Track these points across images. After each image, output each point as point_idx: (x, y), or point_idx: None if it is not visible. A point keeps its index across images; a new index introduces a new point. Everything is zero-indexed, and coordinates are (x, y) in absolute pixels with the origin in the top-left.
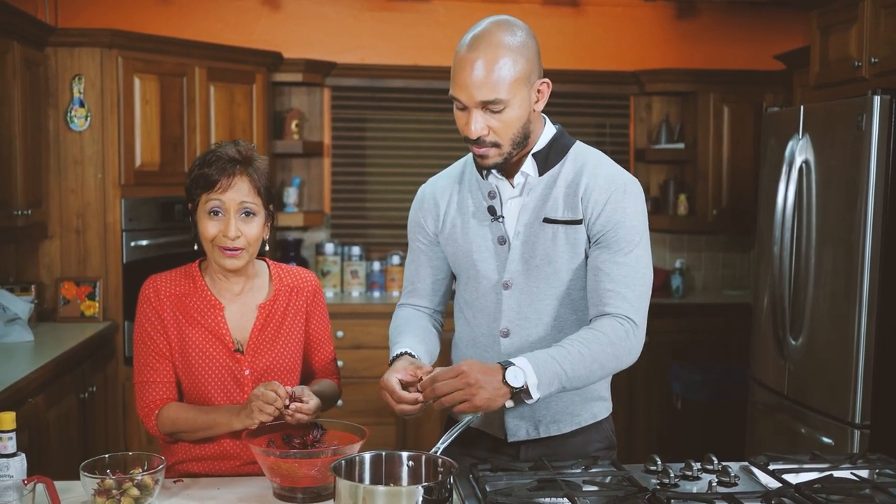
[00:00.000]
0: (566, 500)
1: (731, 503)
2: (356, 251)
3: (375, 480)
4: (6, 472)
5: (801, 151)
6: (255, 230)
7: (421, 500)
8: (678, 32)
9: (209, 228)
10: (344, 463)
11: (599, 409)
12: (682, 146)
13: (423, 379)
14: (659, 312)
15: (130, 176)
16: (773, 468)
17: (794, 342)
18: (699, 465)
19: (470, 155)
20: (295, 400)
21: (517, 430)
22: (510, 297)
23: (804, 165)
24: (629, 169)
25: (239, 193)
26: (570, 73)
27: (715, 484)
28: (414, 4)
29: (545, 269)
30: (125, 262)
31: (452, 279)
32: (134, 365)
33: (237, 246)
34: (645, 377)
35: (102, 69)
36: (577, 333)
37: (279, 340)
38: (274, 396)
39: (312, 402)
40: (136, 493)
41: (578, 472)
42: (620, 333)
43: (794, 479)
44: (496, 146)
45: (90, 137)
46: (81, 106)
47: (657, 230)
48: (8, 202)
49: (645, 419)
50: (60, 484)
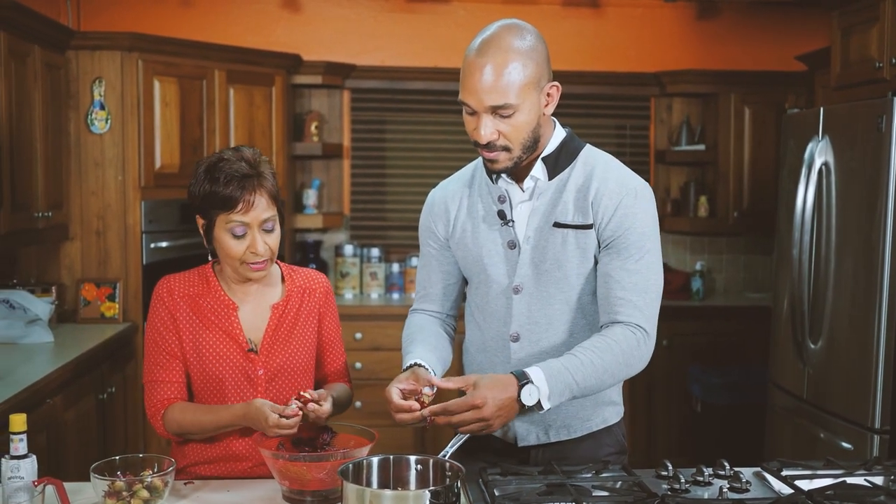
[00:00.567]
0: None
1: None
2: (375, 253)
3: (383, 484)
4: (17, 473)
5: (820, 153)
6: (276, 239)
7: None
8: (699, 33)
9: (235, 247)
10: (351, 466)
11: (610, 413)
12: (702, 148)
13: (422, 391)
14: (679, 315)
15: (150, 178)
16: (786, 474)
17: (813, 346)
18: (711, 470)
19: (480, 159)
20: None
21: (527, 434)
22: (520, 301)
23: (824, 167)
24: (649, 171)
25: (260, 211)
26: (589, 74)
27: (726, 490)
28: (434, 6)
29: (555, 273)
30: (145, 263)
31: (464, 283)
32: (144, 364)
33: (265, 258)
34: (664, 380)
35: (123, 72)
36: (589, 341)
37: (292, 340)
38: (288, 423)
39: (326, 405)
40: (145, 494)
41: (588, 476)
42: (632, 342)
43: (807, 485)
44: (506, 150)
45: (111, 140)
46: (102, 109)
47: (677, 232)
48: (28, 204)
49: (664, 422)
50: (71, 485)
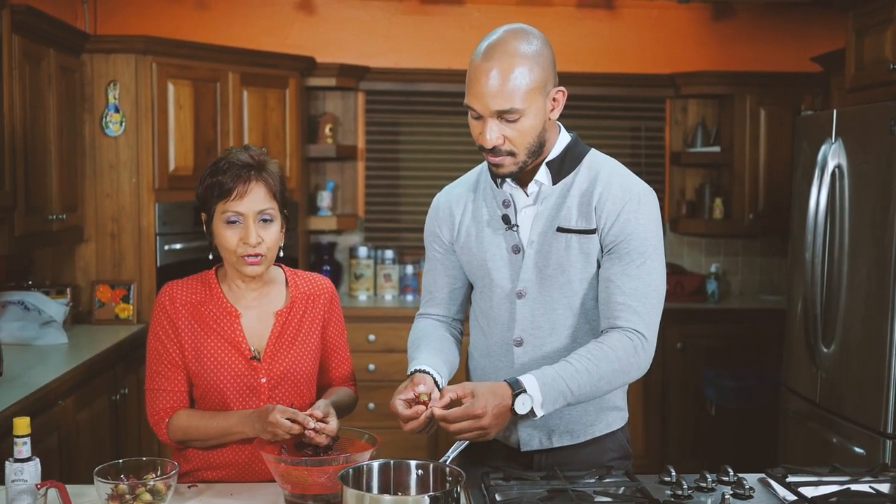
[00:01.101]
0: None
1: None
2: (389, 255)
3: (384, 489)
4: (20, 476)
5: (833, 156)
6: (273, 235)
7: None
8: (715, 34)
9: (229, 238)
10: (351, 471)
11: (614, 418)
12: (717, 149)
13: (417, 390)
14: (693, 317)
15: (164, 180)
16: (790, 480)
17: (825, 350)
18: (715, 476)
19: (485, 163)
20: (318, 419)
21: (530, 439)
22: (524, 306)
23: (837, 170)
24: (664, 172)
25: (256, 200)
26: (604, 76)
27: (728, 496)
28: (448, 8)
29: (558, 278)
30: (159, 265)
31: (470, 287)
32: (146, 372)
33: (258, 252)
34: (678, 383)
35: (137, 75)
36: (585, 348)
37: (296, 347)
38: (288, 426)
39: (333, 423)
40: (148, 498)
41: (591, 482)
42: (629, 349)
43: (812, 492)
44: (511, 155)
45: (125, 142)
46: (116, 111)
47: (692, 234)
48: (43, 207)
49: (678, 425)
50: (75, 488)
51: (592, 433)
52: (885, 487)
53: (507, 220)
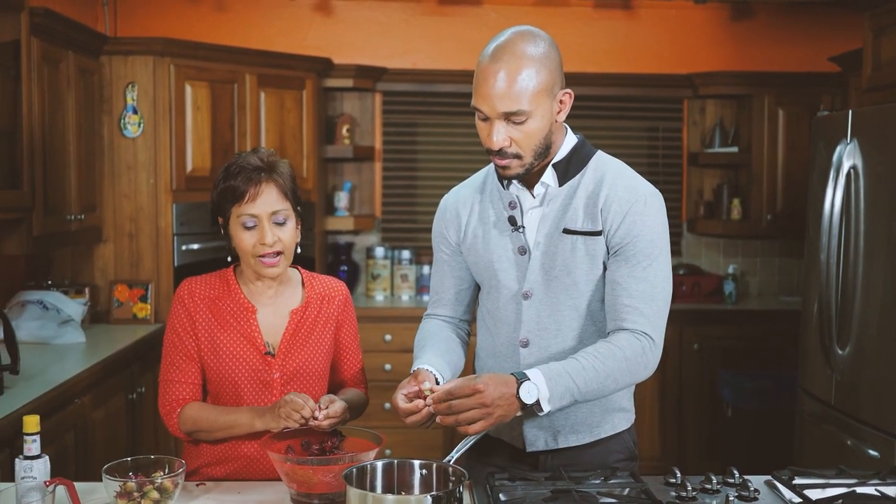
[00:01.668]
0: None
1: None
2: (406, 255)
3: (387, 488)
4: (30, 473)
5: (848, 156)
6: (289, 235)
7: None
8: (733, 34)
9: (246, 240)
10: (355, 471)
11: (620, 420)
12: (735, 150)
13: (421, 387)
14: (710, 318)
15: (182, 181)
16: (796, 483)
17: (840, 352)
18: (720, 478)
19: (492, 165)
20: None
21: (535, 440)
22: (530, 307)
23: (852, 171)
24: (682, 173)
25: (269, 202)
26: (621, 76)
27: (733, 498)
28: (465, 8)
29: (564, 279)
30: (176, 265)
31: (477, 289)
32: (161, 363)
33: (276, 250)
34: (695, 384)
35: (155, 77)
36: (593, 346)
37: (309, 345)
38: (302, 404)
39: (339, 404)
40: (155, 495)
41: (596, 483)
42: (637, 349)
43: (818, 494)
44: (518, 157)
45: (143, 143)
46: (135, 113)
47: (710, 235)
48: (61, 207)
49: (695, 427)
50: (85, 486)
51: (598, 434)
52: (892, 491)
53: (513, 221)
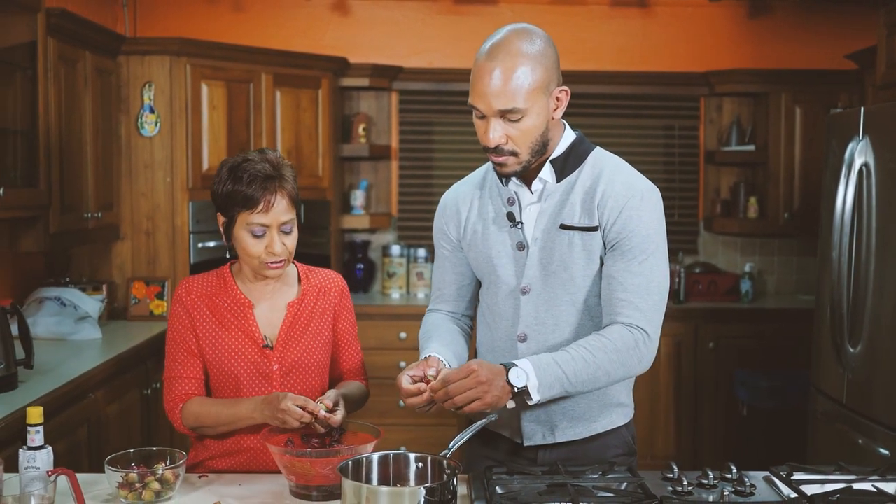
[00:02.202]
0: None
1: None
2: (422, 253)
3: (383, 481)
4: (33, 463)
5: (860, 153)
6: (294, 241)
7: (423, 500)
8: (750, 32)
9: (253, 246)
10: (351, 464)
11: (618, 415)
12: (752, 148)
13: (427, 373)
14: (726, 317)
15: (198, 180)
16: (795, 478)
17: (852, 350)
18: (718, 473)
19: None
20: (328, 411)
21: (533, 434)
22: (528, 302)
23: (864, 168)
24: (699, 171)
25: (279, 212)
26: (638, 74)
27: (727, 493)
28: (480, 7)
29: (562, 274)
30: (192, 262)
31: (478, 284)
32: (165, 362)
33: (282, 258)
34: (711, 383)
35: (171, 76)
36: (585, 339)
37: (307, 337)
38: (300, 413)
39: (339, 415)
40: (157, 486)
41: (594, 477)
42: (629, 342)
43: (817, 490)
44: (514, 155)
45: (160, 142)
46: (151, 112)
47: (727, 233)
48: (78, 205)
49: (710, 425)
50: (88, 477)
51: (596, 429)
52: (890, 487)
53: (511, 217)
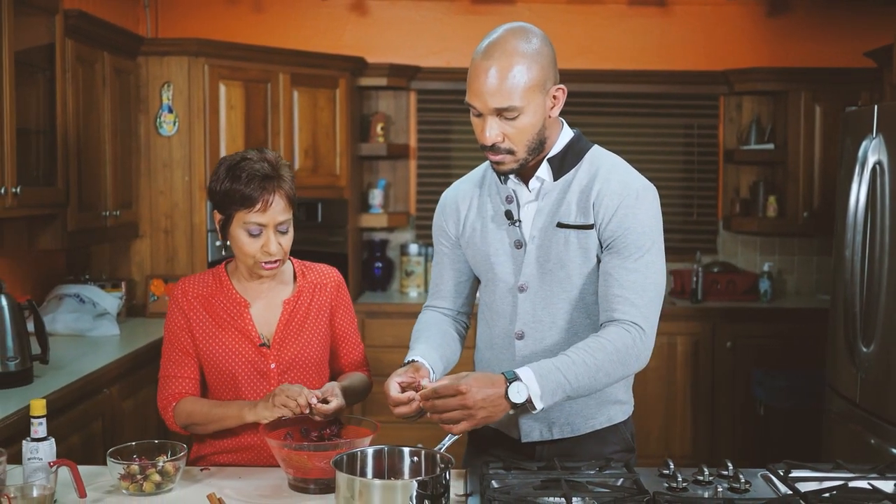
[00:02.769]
0: (562, 499)
1: None
2: None
3: (378, 475)
4: (36, 454)
5: (873, 151)
6: (290, 241)
7: (415, 494)
8: (769, 30)
9: (249, 246)
10: (345, 457)
11: (616, 412)
12: (771, 147)
13: (420, 382)
14: (744, 317)
15: None
16: (793, 475)
17: (865, 349)
18: (714, 470)
19: None
20: (320, 401)
21: (531, 431)
22: (525, 300)
23: (877, 166)
24: (718, 170)
25: (276, 212)
26: (656, 73)
27: (721, 490)
28: (498, 7)
29: (558, 273)
30: (210, 260)
31: (476, 282)
32: (161, 361)
33: (277, 258)
34: (728, 382)
35: (190, 76)
36: (583, 342)
37: (304, 334)
38: (297, 391)
39: (334, 403)
40: (157, 478)
41: (590, 473)
42: (627, 341)
43: (813, 488)
44: (511, 153)
45: (178, 142)
46: (170, 112)
47: (746, 232)
48: (96, 204)
49: (727, 425)
50: (90, 468)
51: (594, 426)
52: (888, 484)
53: (509, 215)
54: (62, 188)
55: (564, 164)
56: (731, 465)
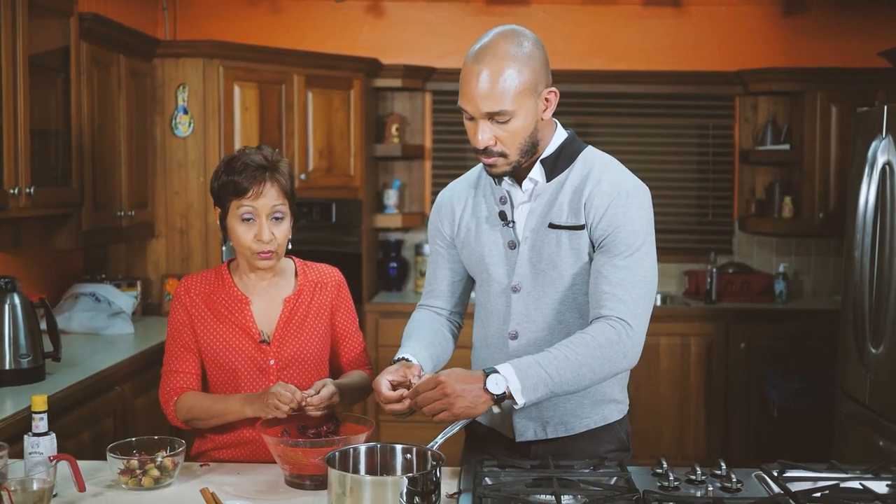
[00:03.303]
0: (552, 497)
1: None
2: None
3: (371, 471)
4: (37, 449)
5: (882, 152)
6: (284, 232)
7: (406, 490)
8: (785, 30)
9: (243, 234)
10: (338, 454)
11: (610, 411)
12: (787, 147)
13: (411, 381)
14: (758, 318)
15: None
16: (787, 475)
17: (874, 351)
18: (707, 469)
19: None
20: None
21: (525, 430)
22: (518, 300)
23: (887, 167)
24: (733, 171)
25: (269, 199)
26: (671, 73)
27: (711, 489)
28: (513, 8)
29: (551, 273)
30: (224, 260)
31: (471, 281)
32: (164, 356)
33: (270, 249)
34: (742, 384)
35: (204, 78)
36: (567, 338)
37: (304, 332)
38: (290, 397)
39: (326, 391)
40: (156, 473)
41: (583, 472)
42: (611, 336)
43: (801, 488)
44: (503, 156)
45: (193, 143)
46: (185, 113)
47: (761, 233)
48: (111, 204)
49: (741, 426)
50: (91, 464)
51: (588, 425)
52: (879, 485)
53: (503, 216)
54: (77, 188)
55: (557, 165)
56: (724, 464)
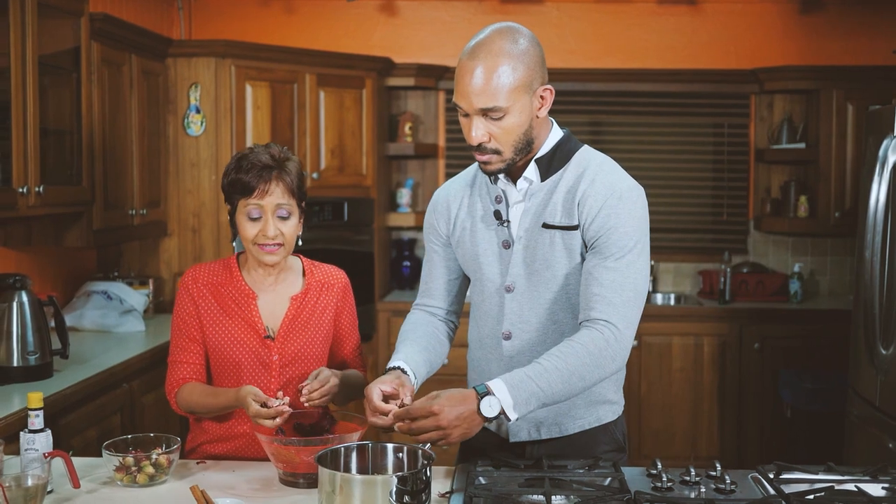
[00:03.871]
0: (542, 497)
1: None
2: None
3: (362, 470)
4: (32, 445)
5: (893, 151)
6: (291, 229)
7: (395, 489)
8: (801, 28)
9: (249, 230)
10: (329, 453)
11: (605, 412)
12: (802, 146)
13: (402, 400)
14: (772, 318)
15: None
16: (782, 477)
17: (884, 351)
18: (702, 470)
19: None
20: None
21: (518, 431)
22: (512, 300)
23: None
24: (748, 170)
25: (275, 197)
26: (686, 72)
27: (704, 491)
28: (527, 7)
29: (544, 273)
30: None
31: (466, 281)
32: (169, 346)
33: (276, 242)
34: (756, 384)
35: (217, 77)
36: (556, 347)
37: (308, 330)
38: (269, 413)
39: (322, 376)
40: (151, 470)
41: (579, 472)
42: (600, 343)
43: (796, 489)
44: (497, 153)
45: (205, 142)
46: (197, 112)
47: (776, 233)
48: (123, 203)
49: (755, 426)
50: (88, 460)
51: (582, 426)
52: (875, 488)
53: (498, 215)
54: (87, 187)
55: (552, 164)
56: (718, 465)
